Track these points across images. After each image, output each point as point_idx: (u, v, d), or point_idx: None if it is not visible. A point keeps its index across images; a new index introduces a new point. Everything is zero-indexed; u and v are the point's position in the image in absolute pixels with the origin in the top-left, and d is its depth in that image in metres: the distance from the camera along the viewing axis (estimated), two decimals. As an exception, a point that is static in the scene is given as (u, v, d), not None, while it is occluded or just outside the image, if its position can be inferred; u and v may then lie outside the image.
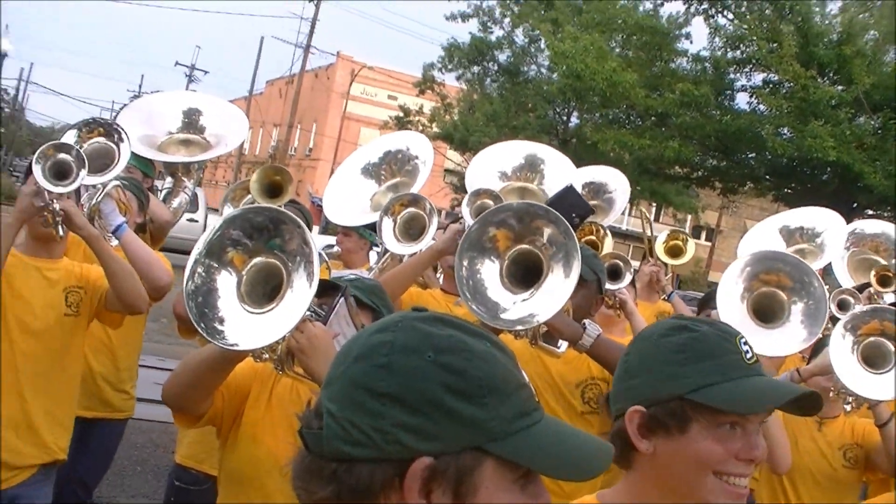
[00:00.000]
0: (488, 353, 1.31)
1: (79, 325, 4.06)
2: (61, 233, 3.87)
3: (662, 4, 28.14)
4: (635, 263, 7.69)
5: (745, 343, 1.90)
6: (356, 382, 1.30)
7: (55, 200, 3.77)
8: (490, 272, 3.39)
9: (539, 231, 3.37)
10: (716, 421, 1.82)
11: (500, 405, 1.28)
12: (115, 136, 4.38)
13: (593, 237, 5.60)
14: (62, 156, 3.84)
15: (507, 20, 32.45)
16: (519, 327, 3.39)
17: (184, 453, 4.66)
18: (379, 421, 1.26)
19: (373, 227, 5.30)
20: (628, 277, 5.10)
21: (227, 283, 2.63)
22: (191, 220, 23.35)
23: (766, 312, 4.11)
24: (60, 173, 3.81)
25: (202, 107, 6.09)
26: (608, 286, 4.40)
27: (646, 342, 1.98)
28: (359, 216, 5.44)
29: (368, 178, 5.55)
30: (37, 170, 3.73)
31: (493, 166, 5.64)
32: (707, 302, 5.14)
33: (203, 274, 2.61)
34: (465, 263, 3.39)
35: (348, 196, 5.50)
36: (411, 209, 4.79)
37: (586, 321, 3.48)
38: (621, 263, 5.13)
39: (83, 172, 3.86)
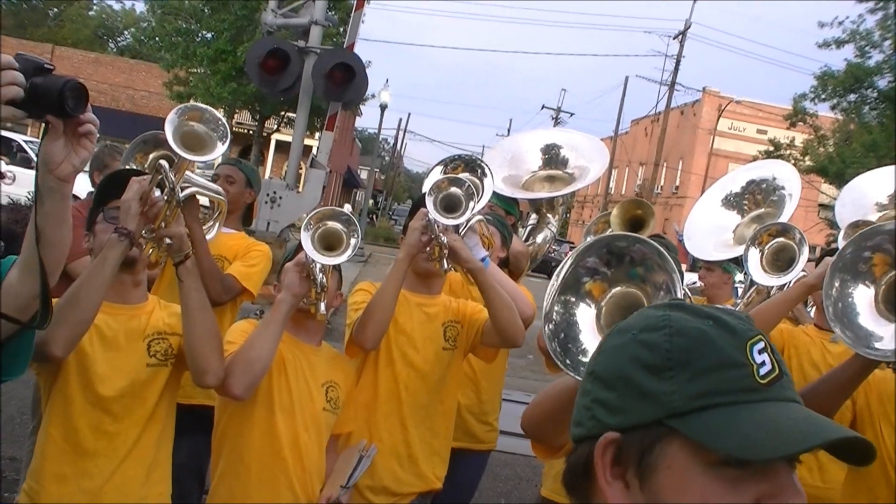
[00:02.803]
0: (695, 330, 1.20)
1: (455, 358, 4.15)
2: (445, 267, 3.95)
3: None
4: None
5: None
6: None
7: (442, 234, 3.86)
8: (863, 297, 3.13)
9: None
10: None
11: (688, 380, 1.17)
12: (479, 171, 4.45)
13: None
14: (454, 189, 3.93)
15: (887, 43, 30.48)
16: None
17: (550, 486, 4.67)
18: (586, 398, 1.27)
19: (736, 261, 5.10)
20: None
21: (586, 317, 2.55)
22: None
23: None
24: (450, 206, 3.89)
25: (561, 141, 6.10)
26: None
27: None
28: (721, 250, 5.24)
29: (730, 209, 5.33)
30: (429, 201, 3.83)
31: (864, 197, 5.24)
32: None
33: (561, 311, 2.55)
34: (837, 285, 3.17)
35: (710, 229, 5.30)
36: (780, 239, 4.54)
37: None
38: None
39: (472, 205, 3.92)
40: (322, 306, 3.58)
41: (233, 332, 3.54)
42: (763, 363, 1.19)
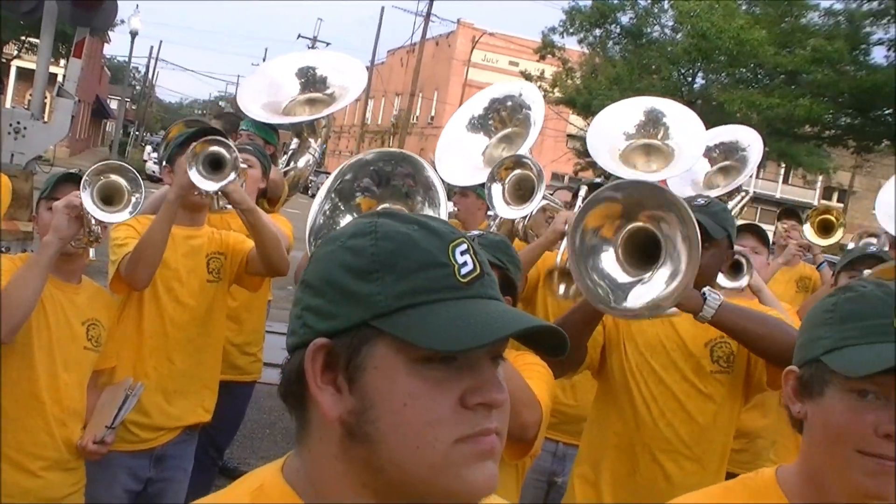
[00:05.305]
0: (401, 234, 1.24)
1: (220, 290, 4.15)
2: (217, 206, 3.98)
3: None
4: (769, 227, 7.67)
5: None
6: None
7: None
8: (609, 261, 3.12)
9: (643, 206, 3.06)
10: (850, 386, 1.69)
11: (393, 281, 1.20)
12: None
13: None
14: (215, 149, 3.83)
15: (629, -20, 31.88)
16: (646, 314, 3.13)
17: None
18: (297, 307, 1.28)
19: (490, 185, 5.22)
20: (745, 279, 4.55)
21: None
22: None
23: None
24: (215, 162, 3.82)
25: (316, 62, 6.09)
26: (727, 285, 4.26)
27: (815, 306, 1.87)
28: (473, 174, 5.28)
29: (477, 132, 5.41)
30: (192, 171, 3.74)
31: (614, 127, 5.47)
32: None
33: (329, 213, 2.59)
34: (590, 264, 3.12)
35: (460, 154, 5.35)
36: (518, 171, 4.62)
37: (706, 290, 3.20)
38: (743, 260, 4.55)
39: (234, 175, 3.82)
40: (92, 252, 3.54)
41: None
42: (465, 263, 1.24)
